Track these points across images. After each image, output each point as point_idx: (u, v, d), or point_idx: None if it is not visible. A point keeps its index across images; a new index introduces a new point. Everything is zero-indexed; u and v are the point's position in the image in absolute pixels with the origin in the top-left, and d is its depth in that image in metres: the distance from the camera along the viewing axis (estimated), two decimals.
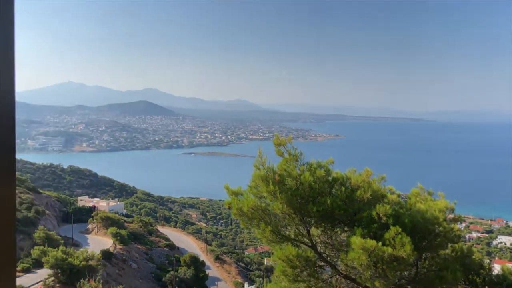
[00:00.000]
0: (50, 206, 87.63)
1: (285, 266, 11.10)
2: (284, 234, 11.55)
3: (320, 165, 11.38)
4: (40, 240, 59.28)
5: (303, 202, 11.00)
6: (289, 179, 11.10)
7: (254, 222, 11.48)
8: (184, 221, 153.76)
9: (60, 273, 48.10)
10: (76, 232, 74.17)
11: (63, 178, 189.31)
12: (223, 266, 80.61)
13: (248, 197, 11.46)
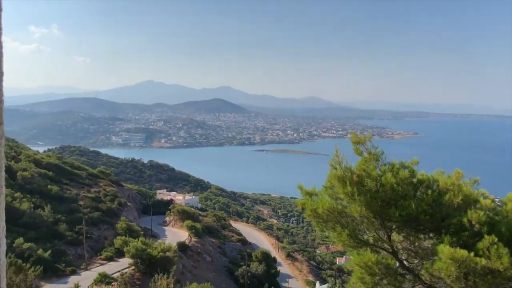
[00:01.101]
0: (132, 199, 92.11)
1: (363, 273, 10.30)
2: (362, 239, 10.72)
3: (404, 166, 10.39)
4: (122, 231, 62.40)
5: (384, 205, 10.10)
6: (369, 180, 10.25)
7: (329, 225, 10.76)
8: (256, 217, 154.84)
9: (139, 263, 50.24)
10: (154, 224, 77.23)
11: (144, 172, 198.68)
12: (294, 264, 79.82)
13: (323, 198, 10.75)
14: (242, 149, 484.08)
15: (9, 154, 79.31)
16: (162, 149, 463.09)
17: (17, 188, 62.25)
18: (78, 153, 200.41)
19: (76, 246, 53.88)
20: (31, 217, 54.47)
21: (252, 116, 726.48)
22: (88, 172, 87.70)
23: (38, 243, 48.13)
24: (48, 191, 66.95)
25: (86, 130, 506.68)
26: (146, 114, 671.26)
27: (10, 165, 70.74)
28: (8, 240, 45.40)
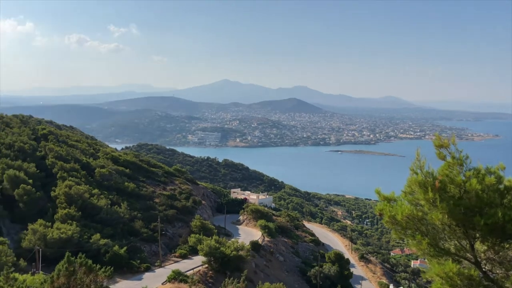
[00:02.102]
0: (206, 197, 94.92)
1: (443, 283, 9.78)
2: (443, 248, 10.18)
3: (490, 171, 9.72)
4: (196, 229, 64.40)
5: (468, 213, 9.51)
6: (452, 186, 9.69)
7: (408, 232, 10.34)
8: (330, 217, 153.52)
9: (213, 261, 51.67)
10: (228, 222, 79.01)
11: (218, 171, 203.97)
12: (368, 266, 78.83)
13: (403, 204, 10.35)
14: (317, 150, 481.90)
15: (88, 151, 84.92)
16: (237, 148, 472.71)
17: (95, 185, 66.15)
18: (155, 151, 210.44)
19: (151, 243, 56.45)
20: (108, 213, 57.56)
21: (327, 116, 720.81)
22: (164, 170, 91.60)
23: (114, 239, 50.80)
24: (125, 188, 70.62)
25: (163, 129, 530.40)
26: (221, 113, 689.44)
27: (88, 162, 75.64)
28: (86, 236, 48.77)
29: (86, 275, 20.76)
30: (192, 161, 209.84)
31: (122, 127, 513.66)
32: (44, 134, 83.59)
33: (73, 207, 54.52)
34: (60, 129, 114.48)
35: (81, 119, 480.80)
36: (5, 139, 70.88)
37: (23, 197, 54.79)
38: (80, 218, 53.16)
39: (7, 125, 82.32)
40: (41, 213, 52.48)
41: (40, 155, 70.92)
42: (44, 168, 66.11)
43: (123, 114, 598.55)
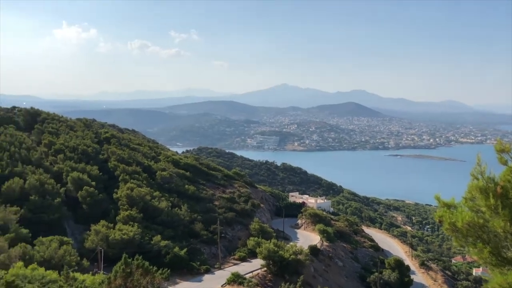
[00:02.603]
0: (265, 200, 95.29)
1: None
2: (506, 257, 9.52)
3: None
4: (255, 232, 64.68)
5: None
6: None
7: (469, 240, 9.73)
8: (389, 223, 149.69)
9: (271, 265, 51.61)
10: (286, 226, 78.82)
11: (277, 174, 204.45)
12: (429, 273, 76.21)
13: (463, 210, 9.77)
14: (375, 154, 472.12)
15: (149, 155, 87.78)
16: (295, 152, 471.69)
17: (156, 187, 68.09)
18: (215, 155, 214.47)
19: (210, 245, 57.36)
20: (169, 215, 59.10)
21: (386, 120, 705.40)
22: (223, 173, 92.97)
23: (175, 241, 52.03)
24: (185, 191, 72.26)
25: (223, 132, 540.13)
26: (280, 117, 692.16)
27: (150, 165, 78.15)
28: (147, 237, 50.30)
29: (143, 277, 21.22)
30: (251, 164, 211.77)
31: (183, 131, 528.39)
32: (107, 137, 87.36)
33: (134, 209, 56.48)
34: (123, 133, 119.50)
35: (143, 123, 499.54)
36: (69, 142, 74.37)
37: (86, 199, 57.39)
38: (142, 219, 54.95)
39: (71, 129, 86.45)
40: (103, 215, 54.72)
41: (103, 158, 74.02)
42: (106, 170, 68.85)
43: (184, 118, 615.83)
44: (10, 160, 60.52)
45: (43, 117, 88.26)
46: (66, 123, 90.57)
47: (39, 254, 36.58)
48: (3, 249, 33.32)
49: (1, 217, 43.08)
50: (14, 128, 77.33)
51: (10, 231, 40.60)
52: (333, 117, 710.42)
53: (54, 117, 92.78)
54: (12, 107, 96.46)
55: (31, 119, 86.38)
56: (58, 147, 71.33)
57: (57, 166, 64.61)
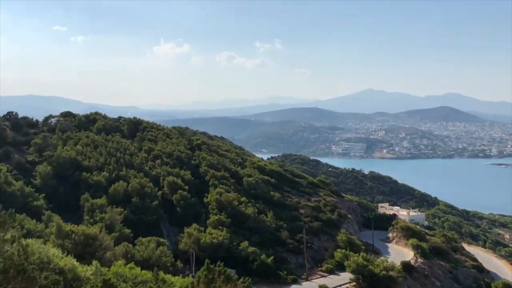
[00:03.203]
0: (352, 210, 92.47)
1: None
2: None
3: None
4: (342, 243, 62.85)
5: None
6: None
7: None
8: (495, 241, 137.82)
9: (361, 279, 49.83)
10: (376, 239, 75.53)
11: (364, 183, 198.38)
12: None
13: None
14: (475, 162, 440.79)
15: (236, 161, 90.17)
16: (384, 159, 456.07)
17: (243, 193, 69.46)
18: (299, 162, 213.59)
19: (297, 254, 56.72)
20: (255, 221, 59.77)
21: (486, 126, 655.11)
22: (308, 181, 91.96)
23: (261, 248, 52.48)
24: (271, 197, 72.64)
25: (307, 139, 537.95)
26: (366, 123, 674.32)
27: (237, 170, 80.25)
28: (235, 242, 51.05)
29: (224, 284, 21.30)
30: (337, 172, 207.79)
31: (268, 137, 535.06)
32: (198, 144, 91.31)
33: (223, 214, 58.01)
34: (212, 140, 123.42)
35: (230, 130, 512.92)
36: (166, 148, 79.71)
37: (180, 202, 60.37)
38: (230, 224, 56.18)
39: (168, 136, 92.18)
40: (195, 218, 57.05)
41: (195, 164, 77.56)
42: (198, 175, 72.17)
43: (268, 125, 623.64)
44: (116, 165, 66.60)
45: (143, 126, 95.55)
46: (163, 131, 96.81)
47: (139, 254, 38.85)
48: (109, 247, 35.77)
49: (108, 217, 46.66)
50: (119, 136, 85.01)
51: (115, 231, 43.79)
52: (425, 123, 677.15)
53: (153, 125, 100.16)
54: (118, 117, 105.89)
55: (134, 127, 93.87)
56: (156, 153, 76.70)
57: (155, 171, 69.28)
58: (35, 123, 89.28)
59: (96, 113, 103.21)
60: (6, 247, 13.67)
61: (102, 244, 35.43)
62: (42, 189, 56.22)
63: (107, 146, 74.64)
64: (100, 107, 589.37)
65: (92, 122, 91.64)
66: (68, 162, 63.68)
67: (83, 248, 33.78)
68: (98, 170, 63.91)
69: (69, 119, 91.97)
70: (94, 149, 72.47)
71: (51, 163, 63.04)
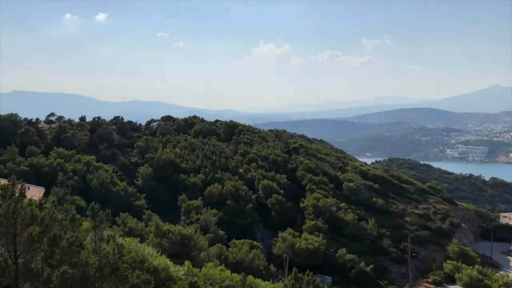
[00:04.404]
0: (467, 220, 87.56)
1: None
2: None
3: None
4: (453, 254, 60.17)
5: None
6: None
7: None
8: None
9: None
10: (495, 251, 71.18)
11: (484, 190, 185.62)
12: None
13: None
14: None
15: (336, 165, 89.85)
16: (510, 164, 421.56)
17: (343, 198, 69.46)
18: (407, 166, 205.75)
19: (399, 264, 55.48)
20: (355, 228, 59.57)
21: None
22: (416, 187, 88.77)
23: (360, 256, 52.26)
24: (373, 204, 71.67)
25: (417, 142, 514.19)
26: (489, 124, 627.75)
27: (336, 175, 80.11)
28: (332, 249, 51.24)
29: None
30: (451, 178, 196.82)
31: (373, 140, 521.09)
32: (295, 147, 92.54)
33: (320, 219, 58.54)
34: (311, 143, 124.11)
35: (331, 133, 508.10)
36: (261, 151, 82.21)
37: (275, 206, 62.13)
38: (327, 230, 56.56)
39: (264, 139, 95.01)
40: (290, 222, 58.35)
41: (291, 167, 78.99)
42: (294, 179, 73.53)
43: (373, 128, 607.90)
44: (212, 167, 70.82)
45: (239, 129, 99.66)
46: (259, 134, 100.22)
47: (232, 256, 41.00)
48: (204, 248, 38.24)
49: (204, 218, 49.88)
50: (216, 139, 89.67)
51: (210, 232, 46.68)
52: None
53: (249, 128, 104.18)
54: (215, 121, 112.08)
55: (230, 130, 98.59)
56: (252, 156, 79.58)
57: (250, 174, 72.22)
58: (139, 127, 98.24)
59: (194, 116, 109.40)
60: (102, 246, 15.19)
61: (197, 244, 37.91)
62: (143, 189, 61.88)
63: (203, 149, 79.18)
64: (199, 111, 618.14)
65: (190, 126, 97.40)
66: (167, 164, 69.13)
67: (179, 248, 36.46)
68: (195, 172, 68.25)
69: (169, 123, 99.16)
70: (191, 151, 77.36)
71: (151, 164, 69.02)
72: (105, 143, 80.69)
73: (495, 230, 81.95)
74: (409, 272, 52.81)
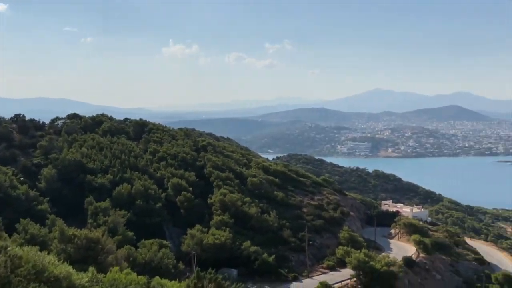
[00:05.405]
0: (355, 208, 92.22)
1: None
2: None
3: None
4: (344, 240, 62.69)
5: None
6: None
7: None
8: (497, 234, 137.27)
9: (361, 275, 49.67)
10: (378, 235, 75.45)
11: (368, 181, 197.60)
12: None
13: None
14: (481, 160, 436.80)
15: (241, 161, 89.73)
16: (389, 158, 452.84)
17: (247, 193, 69.32)
18: (304, 161, 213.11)
19: (298, 252, 56.63)
20: (258, 221, 59.74)
21: (494, 124, 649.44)
22: (312, 180, 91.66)
23: (263, 247, 52.43)
24: (274, 197, 72.57)
25: (313, 139, 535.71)
26: (372, 123, 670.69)
27: (241, 171, 79.90)
28: (237, 242, 51.04)
29: None
30: (341, 171, 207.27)
31: (274, 138, 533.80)
32: (204, 145, 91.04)
33: (227, 214, 58.00)
34: (218, 141, 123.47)
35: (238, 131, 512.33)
36: (171, 150, 79.58)
37: (184, 204, 60.32)
38: (233, 225, 56.14)
39: (173, 138, 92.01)
40: (199, 219, 56.98)
41: (200, 165, 77.43)
42: (202, 176, 72.08)
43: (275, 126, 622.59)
44: (121, 167, 66.45)
45: (149, 128, 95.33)
46: (168, 132, 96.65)
47: (141, 257, 38.89)
48: (112, 251, 35.71)
49: (112, 220, 46.69)
50: (125, 137, 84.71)
51: (118, 234, 43.77)
52: (432, 122, 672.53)
53: (159, 127, 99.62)
54: (125, 119, 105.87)
55: (139, 129, 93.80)
56: (161, 154, 76.52)
57: (160, 172, 69.23)
58: (42, 125, 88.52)
59: (102, 115, 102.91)
60: None
61: (104, 247, 35.40)
62: (46, 193, 56.23)
63: (112, 148, 74.67)
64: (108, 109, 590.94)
65: (98, 124, 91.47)
66: (73, 165, 63.75)
67: (85, 252, 33.72)
68: (103, 172, 64.05)
69: (75, 121, 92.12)
70: (99, 151, 72.53)
71: (56, 166, 63.14)
72: (4, 143, 71.99)
73: (377, 216, 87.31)
74: (307, 260, 54.19)
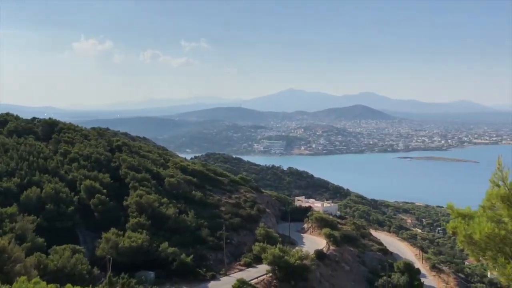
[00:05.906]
0: (270, 205, 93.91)
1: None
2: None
3: None
4: (260, 237, 63.25)
5: None
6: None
7: (488, 254, 8.70)
8: (398, 226, 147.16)
9: (277, 270, 50.48)
10: (292, 230, 77.39)
11: (283, 179, 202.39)
12: (440, 276, 74.13)
13: (481, 221, 8.72)
14: (384, 156, 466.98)
15: (158, 162, 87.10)
16: (302, 156, 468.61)
17: (165, 194, 67.33)
18: (222, 160, 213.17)
19: (216, 251, 56.21)
20: (176, 222, 58.22)
21: (395, 123, 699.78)
22: (230, 179, 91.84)
23: (182, 248, 51.13)
24: (192, 197, 71.38)
25: (230, 138, 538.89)
26: (286, 122, 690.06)
27: (158, 171, 77.53)
28: (155, 244, 49.42)
29: None
30: (257, 169, 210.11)
31: (192, 137, 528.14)
32: (118, 145, 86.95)
33: (143, 216, 55.81)
34: (134, 141, 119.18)
35: (154, 131, 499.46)
36: (83, 151, 74.43)
37: (98, 206, 56.89)
38: (150, 226, 54.18)
39: (86, 138, 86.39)
40: (114, 222, 54.02)
41: (115, 166, 73.66)
42: (118, 178, 68.52)
43: (193, 125, 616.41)
44: (29, 170, 60.78)
45: (60, 127, 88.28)
46: (81, 132, 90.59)
47: (53, 263, 36.06)
48: (20, 259, 32.59)
49: (20, 227, 42.58)
50: (33, 138, 77.76)
51: (27, 241, 40.09)
52: (340, 121, 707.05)
53: (70, 127, 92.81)
54: (32, 118, 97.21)
55: (49, 129, 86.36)
56: (73, 156, 71.26)
57: (72, 175, 64.48)
58: None
59: (8, 114, 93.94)
60: None
61: (11, 256, 32.34)
62: None
63: (18, 149, 68.36)
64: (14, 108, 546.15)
65: (3, 124, 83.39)
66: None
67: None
68: (9, 175, 58.50)
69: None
70: (4, 153, 66.14)
71: None
72: None
73: (291, 212, 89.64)
74: (225, 258, 53.94)
